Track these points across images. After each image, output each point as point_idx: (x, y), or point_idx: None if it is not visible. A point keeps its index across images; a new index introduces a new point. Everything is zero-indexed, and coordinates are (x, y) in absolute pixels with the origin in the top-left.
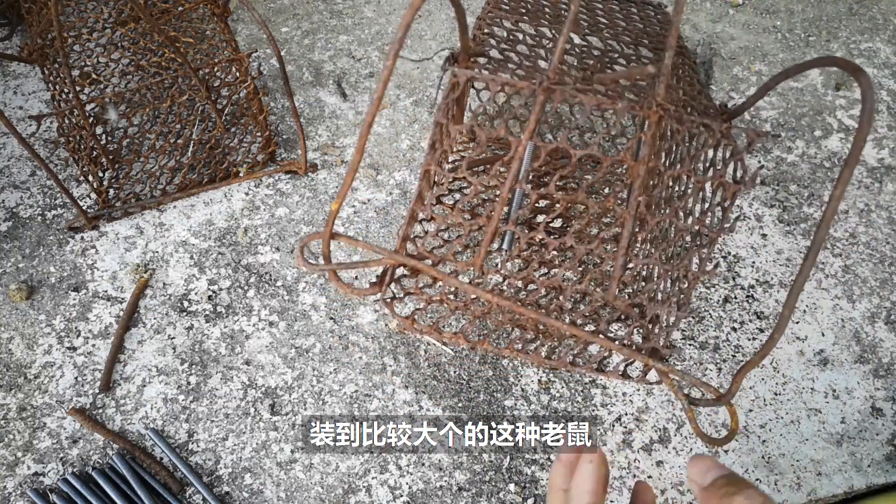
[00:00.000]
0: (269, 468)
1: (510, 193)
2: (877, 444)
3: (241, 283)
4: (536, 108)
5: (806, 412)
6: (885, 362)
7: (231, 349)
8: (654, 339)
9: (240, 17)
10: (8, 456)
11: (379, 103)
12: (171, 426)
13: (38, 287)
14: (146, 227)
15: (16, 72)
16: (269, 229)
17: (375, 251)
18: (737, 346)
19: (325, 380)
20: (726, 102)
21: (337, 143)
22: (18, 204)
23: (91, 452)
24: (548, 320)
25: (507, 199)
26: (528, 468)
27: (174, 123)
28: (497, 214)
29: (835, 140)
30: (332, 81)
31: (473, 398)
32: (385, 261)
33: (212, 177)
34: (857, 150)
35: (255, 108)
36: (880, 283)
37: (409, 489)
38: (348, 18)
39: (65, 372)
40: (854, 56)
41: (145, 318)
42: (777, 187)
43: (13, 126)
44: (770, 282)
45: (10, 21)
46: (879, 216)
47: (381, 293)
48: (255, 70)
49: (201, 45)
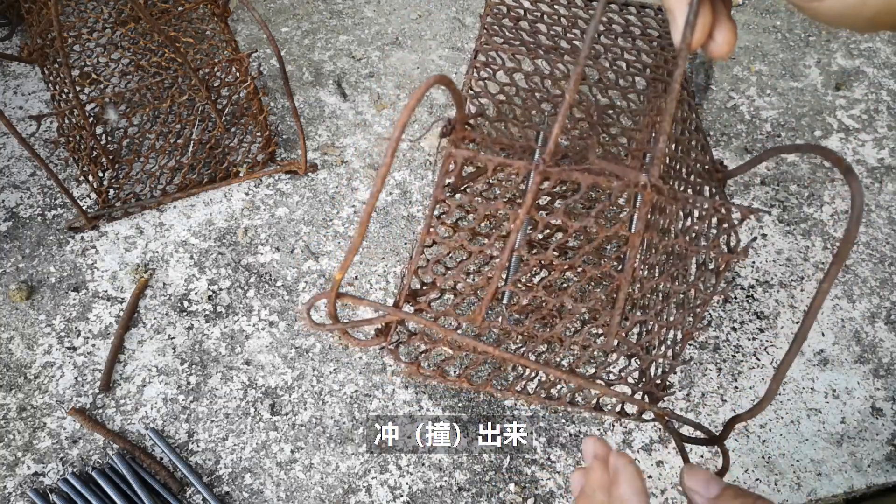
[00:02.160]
0: (269, 468)
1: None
2: (877, 444)
3: (241, 283)
4: (533, 189)
5: (806, 412)
6: (885, 362)
7: (231, 349)
8: (650, 383)
9: (240, 17)
10: (8, 456)
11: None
12: (171, 426)
13: (38, 287)
14: (146, 227)
15: (16, 72)
16: (269, 229)
17: (379, 309)
18: (737, 346)
19: (325, 380)
20: (723, 161)
21: (337, 143)
22: (18, 204)
23: (91, 452)
24: (548, 369)
25: (505, 264)
26: (528, 468)
27: (174, 123)
28: (496, 278)
29: (835, 140)
30: (332, 81)
31: (473, 398)
32: (389, 318)
33: (212, 177)
34: (845, 250)
35: (255, 108)
36: (880, 283)
37: (409, 489)
38: (348, 18)
39: (65, 372)
40: (854, 56)
41: (145, 318)
42: (777, 187)
43: (13, 126)
44: (770, 282)
45: (10, 21)
46: (879, 216)
47: (385, 343)
48: (255, 70)
49: (201, 45)
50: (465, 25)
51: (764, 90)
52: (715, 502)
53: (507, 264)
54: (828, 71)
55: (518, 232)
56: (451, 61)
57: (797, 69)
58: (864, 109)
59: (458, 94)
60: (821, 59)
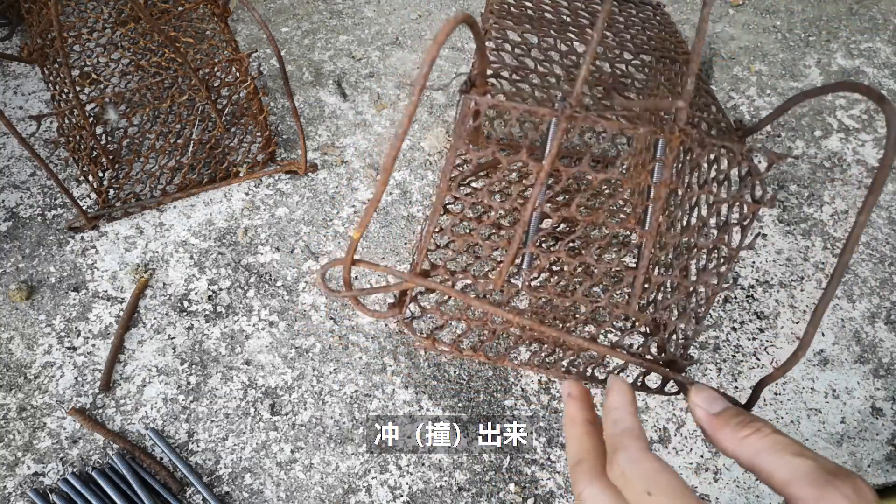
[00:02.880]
0: (269, 468)
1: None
2: (877, 444)
3: (241, 283)
4: (559, 135)
5: (806, 412)
6: (885, 362)
7: (231, 349)
8: (672, 352)
9: (240, 17)
10: (8, 456)
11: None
12: (171, 426)
13: (38, 287)
14: (146, 227)
15: (16, 72)
16: (269, 229)
17: (397, 275)
18: (737, 345)
19: (325, 380)
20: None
21: (337, 143)
22: (18, 204)
23: (91, 452)
24: (568, 337)
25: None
26: (528, 468)
27: (174, 123)
28: (517, 238)
29: (835, 140)
30: (332, 81)
31: (473, 398)
32: (407, 284)
33: (212, 177)
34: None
35: (255, 108)
36: (880, 283)
37: (409, 489)
38: (348, 18)
39: (65, 372)
40: (854, 56)
41: (145, 318)
42: (777, 187)
43: (13, 126)
44: (770, 282)
45: (10, 21)
46: (879, 216)
47: (400, 314)
48: (255, 70)
49: (201, 45)
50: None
51: (764, 90)
52: (715, 417)
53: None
54: (828, 71)
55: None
56: (452, 61)
57: (797, 69)
58: (864, 109)
59: (481, 38)
60: (821, 59)
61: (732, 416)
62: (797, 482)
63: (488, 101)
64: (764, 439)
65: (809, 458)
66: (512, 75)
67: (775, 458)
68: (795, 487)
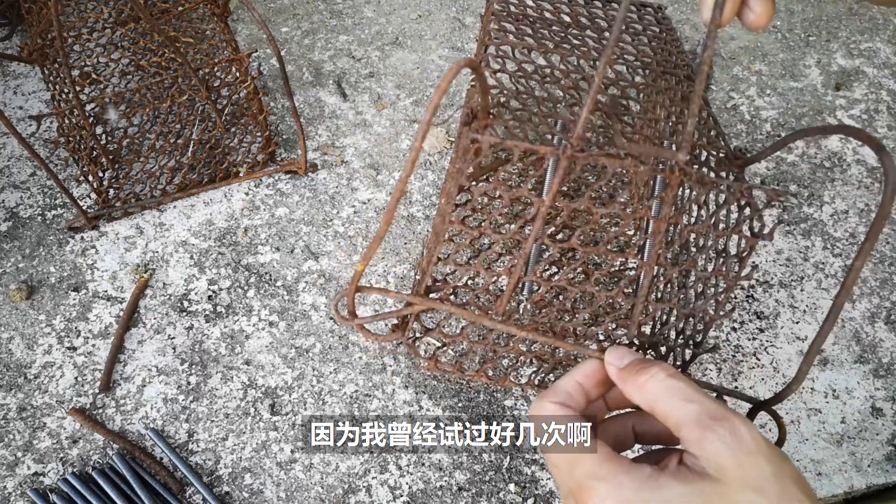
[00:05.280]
0: (269, 468)
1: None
2: (877, 444)
3: (241, 283)
4: (559, 174)
5: (806, 412)
6: (885, 362)
7: (231, 349)
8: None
9: (240, 17)
10: (8, 456)
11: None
12: (171, 426)
13: (38, 287)
14: (146, 227)
15: (16, 72)
16: (269, 229)
17: (402, 298)
18: (737, 346)
19: (325, 380)
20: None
21: (337, 143)
22: (18, 204)
23: (91, 452)
24: (578, 349)
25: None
26: (528, 468)
27: (174, 123)
28: (518, 269)
29: (834, 140)
30: (332, 81)
31: (473, 398)
32: (414, 308)
33: (212, 177)
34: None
35: (255, 108)
36: (880, 283)
37: (409, 489)
38: (348, 18)
39: (65, 372)
40: (854, 56)
41: (145, 318)
42: (777, 188)
43: (13, 126)
44: (770, 282)
45: (10, 21)
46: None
47: (403, 338)
48: (255, 70)
49: (201, 45)
50: (465, 25)
51: (764, 90)
52: (623, 371)
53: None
54: (828, 71)
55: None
56: (452, 61)
57: (797, 69)
58: (864, 109)
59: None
60: (821, 59)
61: (634, 365)
62: (685, 426)
63: (490, 139)
64: (658, 384)
65: (696, 403)
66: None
67: (669, 403)
68: (685, 430)
